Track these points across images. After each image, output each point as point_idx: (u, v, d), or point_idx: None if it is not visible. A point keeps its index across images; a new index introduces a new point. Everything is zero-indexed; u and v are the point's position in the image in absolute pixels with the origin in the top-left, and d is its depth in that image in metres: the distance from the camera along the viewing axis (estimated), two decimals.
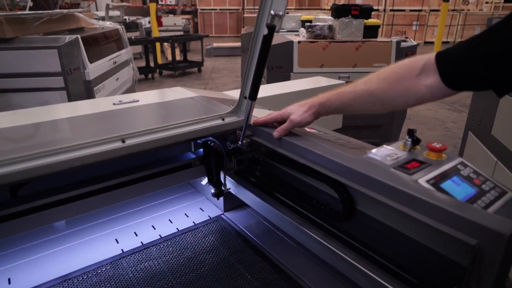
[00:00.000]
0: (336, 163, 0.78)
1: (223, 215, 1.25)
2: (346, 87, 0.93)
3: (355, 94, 0.91)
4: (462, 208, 0.58)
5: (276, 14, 0.72)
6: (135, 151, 0.80)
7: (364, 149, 0.85)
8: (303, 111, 0.93)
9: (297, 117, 0.92)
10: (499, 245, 0.53)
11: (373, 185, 0.71)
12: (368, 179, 0.71)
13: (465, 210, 0.58)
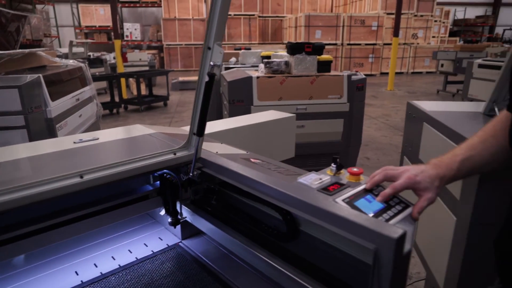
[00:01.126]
0: (273, 189, 0.90)
1: (181, 242, 1.33)
2: (463, 150, 0.89)
3: (480, 157, 0.87)
4: (365, 220, 0.71)
5: (215, 64, 0.87)
6: (92, 185, 0.88)
7: (298, 175, 0.98)
8: (436, 186, 0.85)
9: (434, 196, 0.84)
10: (390, 247, 0.66)
11: (301, 206, 0.83)
12: (297, 201, 0.84)
13: (368, 221, 0.71)
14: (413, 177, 0.85)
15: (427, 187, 0.85)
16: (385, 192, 0.85)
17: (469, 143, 0.89)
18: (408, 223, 0.80)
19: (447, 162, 0.87)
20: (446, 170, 0.86)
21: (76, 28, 14.88)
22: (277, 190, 0.88)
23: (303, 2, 14.57)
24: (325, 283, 0.88)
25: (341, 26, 12.37)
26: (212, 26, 0.85)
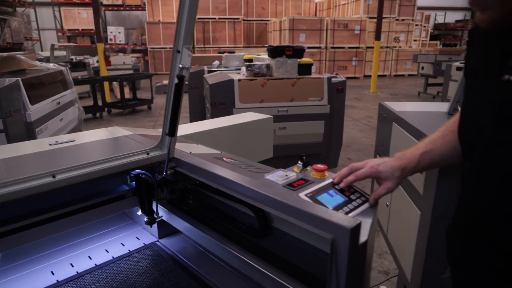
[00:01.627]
0: (239, 185, 0.94)
1: (158, 241, 1.35)
2: (424, 145, 0.93)
3: (440, 151, 0.92)
4: (323, 213, 0.76)
5: (183, 67, 0.90)
6: (65, 185, 0.91)
7: (268, 172, 1.03)
8: (397, 177, 0.90)
9: (394, 186, 0.90)
10: (345, 237, 0.71)
11: (266, 201, 0.87)
12: (262, 196, 0.88)
13: (325, 213, 0.75)
14: (376, 167, 0.91)
15: (387, 177, 0.90)
16: (348, 179, 0.90)
17: (431, 137, 0.95)
18: (367, 216, 0.85)
19: (409, 155, 0.93)
20: (408, 162, 0.91)
21: (59, 31, 14.68)
22: (243, 186, 0.91)
23: (287, 6, 14.72)
24: (294, 276, 0.92)
25: (324, 30, 12.54)
26: (181, 30, 0.89)
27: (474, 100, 0.70)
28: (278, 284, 0.90)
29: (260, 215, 1.05)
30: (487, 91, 0.65)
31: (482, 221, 0.67)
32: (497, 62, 0.62)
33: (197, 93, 4.72)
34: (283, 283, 0.88)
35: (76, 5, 14.33)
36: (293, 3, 14.89)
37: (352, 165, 0.94)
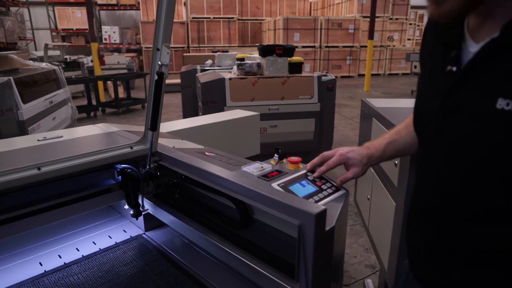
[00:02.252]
0: (215, 176, 0.99)
1: (144, 234, 1.40)
2: (388, 137, 0.99)
3: (397, 143, 0.97)
4: (291, 200, 0.81)
5: (163, 64, 0.95)
6: (49, 177, 0.95)
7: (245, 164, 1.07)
8: (364, 164, 0.96)
9: (360, 172, 0.96)
10: (311, 222, 0.75)
11: (243, 191, 0.92)
12: (239, 187, 0.93)
13: (293, 201, 0.80)
14: (345, 154, 0.97)
15: (355, 163, 0.96)
16: (321, 169, 0.96)
17: (396, 128, 1.00)
18: (336, 204, 0.90)
19: (376, 145, 0.98)
20: (375, 151, 0.97)
21: (53, 31, 14.64)
22: (220, 177, 0.96)
23: (282, 5, 14.75)
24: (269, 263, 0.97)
25: (318, 29, 12.59)
26: (159, 29, 0.93)
27: (425, 90, 0.75)
28: (253, 270, 0.95)
29: (241, 207, 1.10)
30: (434, 81, 0.71)
31: (430, 204, 0.72)
32: (442, 54, 0.67)
33: (190, 92, 4.76)
34: (258, 269, 0.93)
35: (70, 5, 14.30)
36: (287, 3, 14.94)
37: (323, 154, 0.99)
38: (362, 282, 2.24)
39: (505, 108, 0.54)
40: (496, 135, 0.56)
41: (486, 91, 0.58)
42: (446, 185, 0.67)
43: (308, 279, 0.80)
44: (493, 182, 0.59)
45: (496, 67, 0.57)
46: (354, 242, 2.79)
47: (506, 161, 0.56)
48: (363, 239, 2.78)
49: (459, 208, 0.65)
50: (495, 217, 0.61)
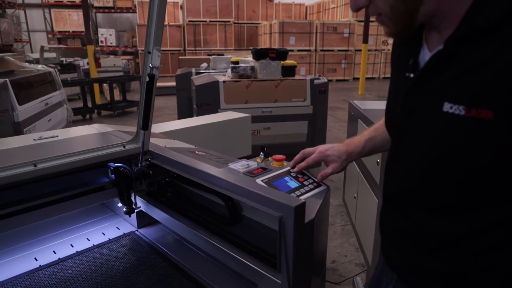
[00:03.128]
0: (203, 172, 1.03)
1: (137, 231, 1.44)
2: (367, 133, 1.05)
3: (375, 140, 1.03)
4: (273, 194, 0.86)
5: (154, 66, 1.00)
6: (45, 173, 1.00)
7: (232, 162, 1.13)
8: (343, 160, 1.02)
9: (339, 167, 1.02)
10: (290, 214, 0.81)
11: (229, 186, 0.97)
12: (226, 183, 0.98)
13: (275, 195, 0.86)
14: (324, 151, 1.03)
15: (334, 160, 1.02)
16: (300, 165, 1.02)
17: (375, 125, 1.07)
18: (316, 198, 0.96)
19: (355, 141, 1.04)
20: (354, 147, 1.03)
21: (49, 33, 14.64)
22: (208, 174, 1.01)
23: (278, 9, 14.87)
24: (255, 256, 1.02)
25: (314, 33, 12.70)
26: (151, 32, 0.98)
27: (391, 93, 0.81)
28: (239, 262, 1.00)
29: (229, 204, 1.15)
30: (397, 86, 0.78)
31: (396, 195, 0.78)
32: (403, 61, 0.74)
33: (185, 95, 4.81)
34: (244, 261, 0.98)
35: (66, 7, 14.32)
36: (283, 7, 15.05)
37: (304, 150, 1.06)
38: (352, 280, 2.29)
39: (449, 111, 0.61)
40: (445, 134, 0.63)
41: (435, 95, 0.65)
42: (408, 179, 0.73)
43: (289, 269, 0.85)
44: (446, 176, 0.66)
45: (442, 74, 0.64)
46: (346, 241, 2.84)
47: (457, 158, 0.63)
48: (354, 238, 2.83)
49: (420, 200, 0.72)
50: (449, 208, 0.67)
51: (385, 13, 0.67)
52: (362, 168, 1.60)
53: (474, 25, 0.59)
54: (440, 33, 0.66)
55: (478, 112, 0.58)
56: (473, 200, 0.65)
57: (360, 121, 1.63)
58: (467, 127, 0.60)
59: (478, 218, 0.65)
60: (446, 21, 0.64)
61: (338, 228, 3.05)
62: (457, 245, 0.67)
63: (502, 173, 0.61)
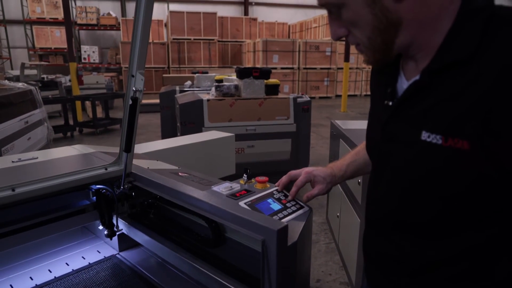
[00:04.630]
0: (186, 195, 1.04)
1: (118, 254, 1.41)
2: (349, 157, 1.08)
3: (357, 163, 1.06)
4: (255, 217, 0.87)
5: (137, 89, 1.01)
6: (24, 198, 0.97)
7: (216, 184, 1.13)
8: (328, 182, 1.05)
9: (325, 189, 1.05)
10: (273, 237, 0.81)
11: (212, 209, 0.97)
12: (209, 206, 0.98)
13: (257, 218, 0.86)
14: (310, 172, 1.06)
15: (320, 181, 1.05)
16: (292, 192, 1.04)
17: (356, 149, 1.10)
18: (299, 221, 0.97)
19: (338, 165, 1.08)
20: (337, 171, 1.06)
21: (30, 49, 14.47)
22: (191, 196, 1.01)
23: (261, 28, 15.15)
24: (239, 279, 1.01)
25: (297, 51, 12.95)
26: (134, 56, 0.99)
27: (371, 120, 0.84)
28: (223, 286, 0.99)
29: (213, 225, 1.14)
30: (376, 113, 0.80)
31: (377, 218, 0.80)
32: (382, 89, 0.77)
33: (168, 113, 4.80)
34: (227, 285, 0.97)
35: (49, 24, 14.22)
36: (266, 25, 15.35)
37: (290, 173, 1.07)
38: None
39: (427, 140, 0.64)
40: (423, 162, 0.66)
41: (413, 124, 0.67)
42: (389, 204, 0.75)
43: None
44: (424, 202, 0.68)
45: (419, 103, 0.67)
46: (330, 260, 2.84)
47: (434, 184, 0.65)
48: (338, 257, 2.84)
49: (400, 223, 0.73)
50: (427, 231, 0.69)
51: (363, 43, 0.70)
52: (344, 188, 1.63)
53: (448, 57, 0.62)
54: (416, 63, 0.70)
55: (455, 142, 0.60)
56: (450, 226, 0.67)
57: (342, 141, 1.66)
58: (444, 156, 0.62)
59: (455, 244, 0.67)
60: (421, 52, 0.67)
61: (322, 246, 3.05)
62: (436, 270, 0.69)
63: (477, 200, 0.63)
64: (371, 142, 0.83)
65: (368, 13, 0.65)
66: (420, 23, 0.64)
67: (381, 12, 0.64)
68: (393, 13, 0.63)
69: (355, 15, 0.66)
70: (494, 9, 0.61)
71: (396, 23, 0.64)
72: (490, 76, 0.57)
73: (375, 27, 0.66)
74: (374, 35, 0.67)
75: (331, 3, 0.68)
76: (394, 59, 0.74)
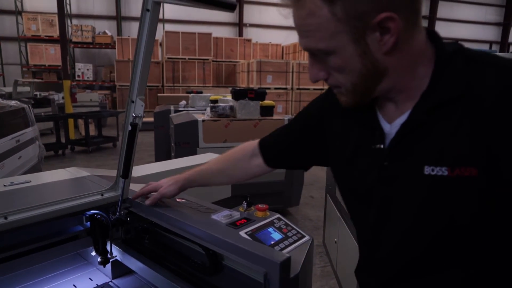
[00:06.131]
0: (186, 225, 1.01)
1: (111, 282, 1.36)
2: (204, 165, 1.19)
3: (211, 172, 1.17)
4: (257, 249, 0.84)
5: (137, 115, 1.00)
6: (17, 226, 0.94)
7: (215, 212, 1.11)
8: (169, 184, 1.14)
9: (164, 190, 1.14)
10: (276, 270, 0.79)
11: (212, 239, 0.95)
12: (208, 236, 0.96)
13: (259, 249, 0.84)
14: (155, 183, 1.18)
15: (162, 186, 1.14)
16: (154, 197, 1.14)
17: (212, 161, 1.20)
18: (301, 251, 0.94)
19: (186, 172, 1.17)
20: (180, 176, 1.16)
21: (24, 66, 14.44)
22: (190, 226, 0.99)
23: (255, 48, 15.37)
24: None
25: (290, 72, 13.13)
26: (135, 82, 0.99)
27: (352, 165, 0.81)
28: None
29: (210, 253, 1.11)
30: (362, 156, 0.79)
31: (379, 261, 0.80)
32: (362, 133, 0.78)
33: (162, 132, 4.78)
34: None
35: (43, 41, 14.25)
36: (260, 46, 15.58)
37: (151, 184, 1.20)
38: None
39: (431, 173, 0.66)
40: (431, 195, 0.68)
41: (413, 161, 0.69)
42: (393, 243, 0.75)
43: None
44: (430, 235, 0.70)
45: (416, 142, 0.69)
46: (325, 284, 2.79)
47: (442, 215, 0.66)
48: (334, 281, 2.79)
49: (416, 267, 0.74)
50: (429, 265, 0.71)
51: (345, 87, 0.72)
52: (342, 213, 1.61)
53: (443, 96, 0.67)
54: (396, 105, 0.73)
55: (462, 170, 0.63)
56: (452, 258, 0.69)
57: None
58: (453, 186, 0.65)
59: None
60: (401, 95, 0.71)
61: (317, 270, 3.00)
62: None
63: (482, 230, 0.65)
64: (360, 186, 0.80)
65: (357, 62, 0.67)
66: (402, 71, 0.68)
67: (370, 63, 0.67)
68: (381, 64, 0.67)
69: (343, 63, 0.68)
70: (465, 51, 0.69)
71: (383, 72, 0.68)
72: (483, 107, 0.63)
73: (362, 74, 0.68)
74: (360, 81, 0.69)
75: (320, 49, 0.69)
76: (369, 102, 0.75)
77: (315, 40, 0.67)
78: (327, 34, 0.65)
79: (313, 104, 0.98)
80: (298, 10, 0.66)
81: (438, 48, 0.69)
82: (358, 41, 0.65)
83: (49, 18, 13.78)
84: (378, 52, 0.65)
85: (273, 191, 3.90)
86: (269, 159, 1.07)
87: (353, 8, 0.62)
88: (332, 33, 0.65)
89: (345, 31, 0.64)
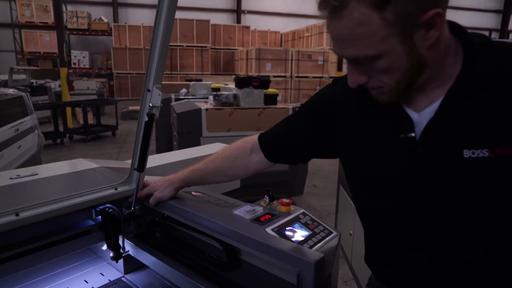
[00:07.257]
0: (209, 221, 0.96)
1: (124, 277, 1.32)
2: (200, 165, 1.14)
3: (208, 171, 1.13)
4: (289, 247, 0.80)
5: (154, 105, 0.94)
6: (28, 223, 0.89)
7: (235, 206, 1.06)
8: (164, 187, 1.11)
9: (159, 193, 1.11)
10: (310, 270, 0.74)
11: (235, 236, 0.90)
12: (231, 232, 0.91)
13: (291, 248, 0.79)
14: (152, 183, 1.14)
15: (158, 187, 1.12)
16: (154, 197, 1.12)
17: (207, 160, 1.14)
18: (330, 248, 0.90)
19: (180, 173, 1.13)
20: (174, 177, 1.13)
21: (18, 53, 14.18)
22: (212, 222, 0.94)
23: (254, 36, 15.16)
24: None
25: (289, 60, 12.98)
26: (151, 70, 0.92)
27: (379, 156, 0.81)
28: None
29: (228, 248, 1.07)
30: (389, 146, 0.79)
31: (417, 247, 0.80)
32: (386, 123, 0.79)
33: (163, 121, 4.70)
34: None
35: (38, 28, 13.98)
36: (259, 34, 15.37)
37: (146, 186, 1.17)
38: None
39: (472, 156, 0.69)
40: (472, 176, 0.70)
41: (450, 147, 0.72)
42: (434, 227, 0.77)
43: None
44: (480, 218, 0.73)
45: (451, 127, 0.72)
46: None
47: (483, 195, 0.71)
48: (342, 270, 2.77)
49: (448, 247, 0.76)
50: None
51: (389, 86, 0.73)
52: None
53: (480, 83, 0.70)
54: (425, 94, 0.75)
55: (502, 150, 0.68)
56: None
57: None
58: (493, 165, 0.69)
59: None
60: (432, 84, 0.74)
61: None
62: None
63: None
64: (391, 176, 0.80)
65: (404, 60, 0.68)
66: (438, 61, 0.71)
67: (416, 59, 0.69)
68: (425, 58, 0.69)
69: (391, 64, 0.69)
70: (492, 41, 0.73)
71: (425, 65, 0.70)
72: None
73: (407, 71, 0.70)
74: (405, 78, 0.71)
75: (368, 56, 0.68)
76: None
77: (363, 47, 0.67)
78: (377, 40, 0.66)
79: (320, 99, 0.97)
80: (343, 21, 0.66)
81: (464, 38, 0.73)
82: (406, 40, 0.66)
83: (43, 3, 13.47)
84: (422, 48, 0.68)
85: (277, 181, 3.86)
86: (270, 154, 1.05)
87: (402, 10, 0.63)
88: (382, 38, 0.66)
89: (395, 34, 0.65)
